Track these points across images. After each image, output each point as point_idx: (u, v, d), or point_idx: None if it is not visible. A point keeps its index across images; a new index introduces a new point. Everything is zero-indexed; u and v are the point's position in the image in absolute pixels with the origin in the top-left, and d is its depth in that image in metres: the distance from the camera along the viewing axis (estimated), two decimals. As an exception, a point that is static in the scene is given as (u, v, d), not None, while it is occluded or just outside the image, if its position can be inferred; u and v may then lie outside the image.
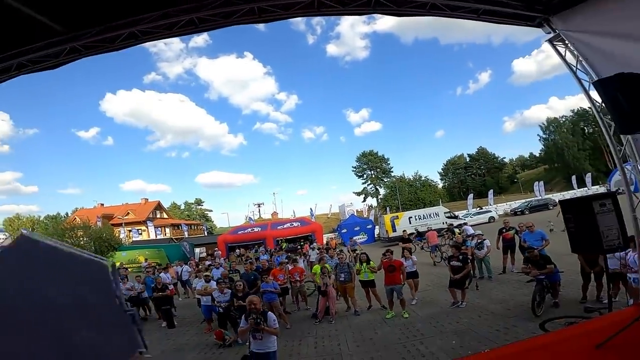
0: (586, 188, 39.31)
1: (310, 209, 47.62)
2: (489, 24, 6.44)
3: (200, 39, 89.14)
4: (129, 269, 15.83)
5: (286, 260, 13.61)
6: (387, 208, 56.08)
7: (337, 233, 34.43)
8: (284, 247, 25.03)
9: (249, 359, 4.75)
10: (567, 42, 5.54)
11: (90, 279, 0.64)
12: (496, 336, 5.54)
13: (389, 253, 8.18)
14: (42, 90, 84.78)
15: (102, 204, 56.10)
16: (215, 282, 8.44)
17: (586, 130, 59.10)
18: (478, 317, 6.66)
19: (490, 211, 33.16)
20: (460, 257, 7.79)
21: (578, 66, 5.52)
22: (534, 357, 3.18)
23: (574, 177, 43.10)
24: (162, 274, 11.60)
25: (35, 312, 0.57)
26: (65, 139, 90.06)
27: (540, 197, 37.63)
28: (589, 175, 42.10)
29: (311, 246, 20.90)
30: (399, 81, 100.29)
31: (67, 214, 62.40)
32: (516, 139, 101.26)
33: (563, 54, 5.73)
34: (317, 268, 9.14)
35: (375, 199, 71.85)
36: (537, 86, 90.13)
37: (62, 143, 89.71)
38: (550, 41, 5.77)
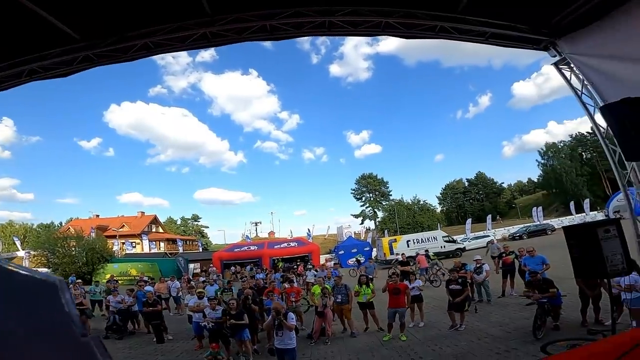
0: (584, 214, 39.28)
1: (308, 229, 47.26)
2: (492, 46, 6.61)
3: (207, 54, 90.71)
4: (119, 282, 15.47)
5: (281, 279, 13.42)
6: (385, 231, 55.66)
7: (334, 254, 34.01)
8: (280, 266, 24.60)
9: (272, 352, 5.96)
10: (572, 65, 5.61)
11: (40, 303, 0.54)
12: (496, 359, 5.42)
13: (395, 276, 8.18)
14: (47, 98, 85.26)
15: (98, 215, 55.56)
16: (207, 299, 8.26)
17: (584, 156, 59.54)
18: (477, 340, 6.53)
19: (489, 236, 32.89)
20: (460, 280, 7.86)
21: (583, 90, 5.58)
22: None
23: (572, 203, 43.16)
24: (146, 288, 11.40)
25: None
26: (66, 147, 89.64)
27: (538, 223, 37.55)
28: (587, 201, 42.15)
29: (307, 267, 20.56)
30: (400, 103, 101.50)
31: (61, 223, 61.63)
32: (515, 164, 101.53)
33: (568, 77, 5.80)
34: (316, 288, 9.05)
35: (373, 221, 71.47)
36: (537, 110, 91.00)
37: (63, 152, 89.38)
38: (556, 64, 5.86)
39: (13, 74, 5.58)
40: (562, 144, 62.22)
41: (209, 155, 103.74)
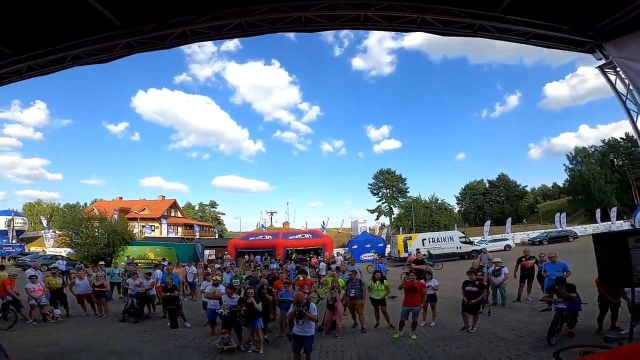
0: (610, 222, 37.74)
1: (323, 221, 47.63)
2: (525, 45, 6.37)
3: (231, 44, 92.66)
4: (138, 264, 16.01)
5: (296, 271, 13.56)
6: (400, 228, 55.28)
7: (347, 248, 34.06)
8: (293, 257, 24.84)
9: (290, 338, 6.17)
10: (618, 69, 5.38)
11: None
12: None
13: (412, 274, 8.12)
14: (79, 82, 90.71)
15: (121, 197, 57.77)
16: (223, 287, 8.43)
17: (615, 163, 56.63)
18: (489, 343, 6.50)
19: (507, 239, 32.32)
20: (477, 282, 7.71)
21: (628, 95, 5.35)
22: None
23: (598, 211, 41.49)
24: (157, 272, 11.53)
25: None
26: (95, 131, 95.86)
27: (560, 229, 36.39)
28: (614, 209, 40.38)
29: (319, 258, 20.71)
30: (423, 100, 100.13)
31: (86, 204, 64.55)
32: (540, 167, 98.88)
33: (613, 81, 5.58)
34: (341, 282, 9.13)
35: (388, 218, 70.99)
36: (568, 112, 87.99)
37: (92, 135, 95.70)
38: (601, 68, 5.63)
39: (57, 59, 5.80)
40: (592, 149, 59.24)
41: (229, 142, 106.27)
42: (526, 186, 75.48)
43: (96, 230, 26.78)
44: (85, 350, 6.74)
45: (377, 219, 70.84)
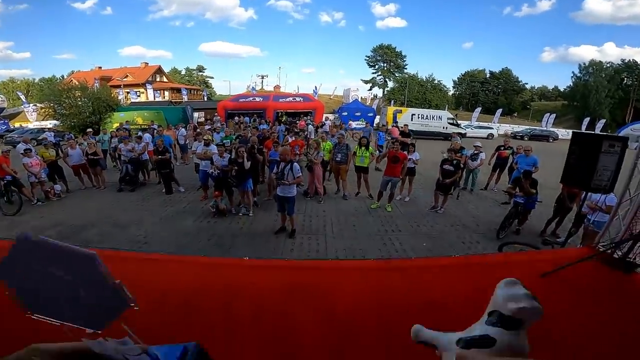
0: (593, 132, 38.66)
1: (315, 86, 46.07)
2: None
3: None
4: (130, 128, 15.75)
5: (285, 132, 13.75)
6: (392, 101, 54.88)
7: (337, 114, 34.03)
8: (283, 120, 24.84)
9: (276, 199, 6.33)
10: None
11: (82, 269, 0.55)
12: (460, 247, 6.01)
13: (397, 143, 7.89)
14: None
15: (100, 67, 53.59)
16: (215, 146, 8.38)
17: (625, 81, 54.51)
18: (450, 226, 7.01)
19: (492, 128, 32.85)
20: (454, 162, 7.72)
21: None
22: (485, 271, 3.59)
23: (586, 120, 41.81)
24: (146, 135, 11.43)
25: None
26: (60, 10, 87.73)
27: (544, 128, 37.10)
28: (602, 121, 41.00)
29: (307, 121, 20.83)
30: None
31: (63, 76, 60.26)
32: (549, 70, 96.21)
33: None
34: (328, 145, 9.05)
35: (382, 90, 69.55)
36: (600, 29, 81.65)
37: (56, 14, 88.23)
38: None
39: None
40: (608, 64, 55.81)
41: (216, 10, 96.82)
42: (526, 83, 72.92)
43: (79, 99, 25.14)
44: (91, 226, 6.81)
45: (370, 89, 69.58)
